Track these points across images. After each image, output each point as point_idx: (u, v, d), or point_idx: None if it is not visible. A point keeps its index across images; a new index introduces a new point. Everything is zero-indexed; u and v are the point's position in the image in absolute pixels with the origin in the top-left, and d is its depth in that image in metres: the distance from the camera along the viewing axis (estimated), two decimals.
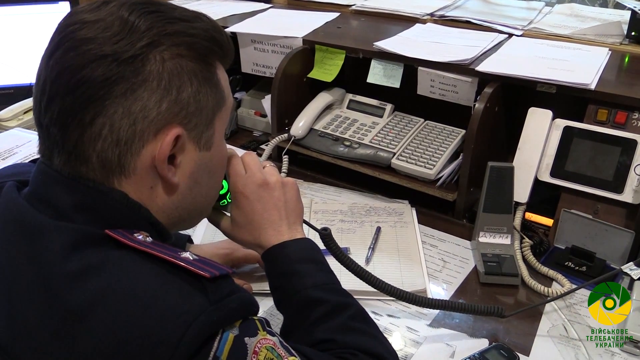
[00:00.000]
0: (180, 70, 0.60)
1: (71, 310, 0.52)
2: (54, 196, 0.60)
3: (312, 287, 0.74)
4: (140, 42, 0.57)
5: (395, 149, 1.31)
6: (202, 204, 0.71)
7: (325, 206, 1.29)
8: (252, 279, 1.04)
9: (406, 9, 1.66)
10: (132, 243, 0.57)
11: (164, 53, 0.58)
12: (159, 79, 0.58)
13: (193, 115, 0.62)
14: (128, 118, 0.57)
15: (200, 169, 0.66)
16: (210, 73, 0.64)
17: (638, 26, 1.39)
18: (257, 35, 1.52)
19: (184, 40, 0.60)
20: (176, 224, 0.68)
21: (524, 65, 1.22)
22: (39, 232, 0.57)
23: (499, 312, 0.93)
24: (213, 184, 0.72)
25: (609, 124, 1.13)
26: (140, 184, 0.61)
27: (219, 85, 0.66)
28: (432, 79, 1.29)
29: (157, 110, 0.58)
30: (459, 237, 1.19)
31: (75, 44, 0.57)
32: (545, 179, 1.16)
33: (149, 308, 0.52)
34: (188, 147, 0.63)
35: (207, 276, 0.56)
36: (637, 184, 1.07)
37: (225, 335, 0.54)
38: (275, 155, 1.46)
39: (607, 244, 1.08)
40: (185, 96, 0.60)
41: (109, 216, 0.60)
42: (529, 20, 1.57)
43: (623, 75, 1.29)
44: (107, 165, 0.59)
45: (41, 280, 0.54)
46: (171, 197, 0.64)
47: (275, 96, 1.42)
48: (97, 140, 0.58)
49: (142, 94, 0.57)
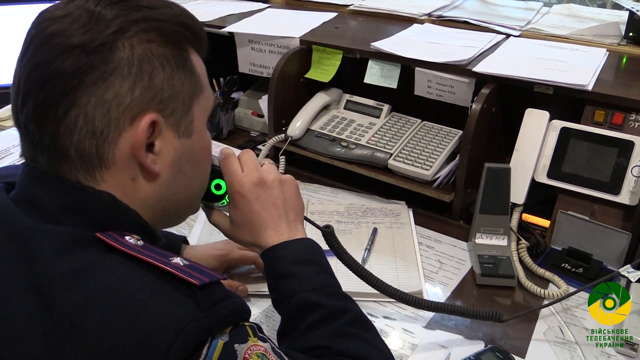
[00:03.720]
0: (150, 56, 0.60)
1: (61, 314, 0.51)
2: (41, 198, 0.59)
3: (309, 290, 0.73)
4: (108, 30, 0.57)
5: (392, 150, 1.30)
6: (187, 195, 0.70)
7: (322, 207, 1.28)
8: (248, 280, 1.04)
9: (404, 9, 1.66)
10: (123, 247, 0.56)
11: (132, 39, 0.59)
12: (129, 66, 0.58)
13: (169, 101, 0.61)
14: (102, 107, 0.57)
15: (182, 157, 0.65)
16: (183, 58, 0.63)
17: (636, 27, 1.39)
18: (255, 35, 1.52)
19: (152, 25, 0.60)
20: (162, 219, 0.67)
21: (521, 66, 1.22)
22: (27, 235, 0.57)
23: (497, 317, 0.93)
24: (197, 174, 0.70)
25: (606, 125, 1.13)
26: (122, 175, 0.61)
27: (194, 71, 0.65)
28: (429, 80, 1.29)
29: (130, 97, 0.58)
30: (456, 239, 1.19)
31: (45, 40, 0.57)
32: (542, 180, 1.16)
33: (138, 315, 0.51)
34: (167, 134, 0.62)
35: (196, 284, 0.55)
36: (634, 186, 1.07)
37: (215, 342, 0.54)
38: (272, 155, 1.45)
39: (603, 245, 1.08)
40: (158, 81, 0.60)
41: (97, 218, 0.59)
42: (527, 20, 1.56)
43: (620, 76, 1.29)
44: (85, 157, 0.59)
45: (31, 283, 0.54)
46: (154, 188, 0.63)
47: (273, 96, 1.42)
48: (73, 132, 0.58)
49: (113, 81, 0.57)
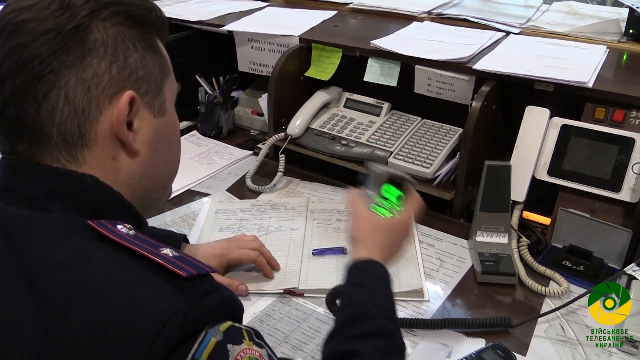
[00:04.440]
0: (123, 37, 0.62)
1: (50, 306, 0.51)
2: (25, 187, 0.60)
3: (376, 305, 0.75)
4: (81, 13, 0.59)
5: (392, 148, 1.30)
6: (164, 174, 0.72)
7: (322, 205, 1.28)
8: (249, 279, 1.04)
9: (404, 7, 1.65)
10: (113, 236, 0.56)
11: (105, 22, 0.61)
12: (105, 46, 0.60)
13: (143, 80, 0.64)
14: (82, 86, 0.59)
15: (158, 135, 0.67)
16: (151, 40, 0.66)
17: (636, 24, 1.38)
18: (254, 34, 1.52)
19: (122, 8, 0.62)
20: (142, 200, 0.68)
21: (522, 64, 1.22)
22: (15, 225, 0.57)
23: (507, 323, 0.92)
24: (172, 152, 0.73)
25: (607, 122, 1.13)
26: (103, 155, 0.62)
27: (162, 53, 0.68)
28: (429, 78, 1.29)
29: (108, 76, 0.60)
30: (456, 236, 1.19)
31: (17, 27, 0.58)
32: (543, 178, 1.15)
33: (125, 306, 0.51)
34: (143, 113, 0.65)
35: (183, 275, 0.55)
36: (634, 183, 1.07)
37: (208, 338, 0.53)
38: (272, 154, 1.45)
39: (604, 242, 1.08)
40: (132, 61, 0.62)
41: (82, 201, 0.60)
42: (527, 18, 1.56)
43: (621, 73, 1.28)
44: (67, 137, 0.60)
45: (21, 274, 0.54)
46: (134, 167, 0.65)
47: (272, 95, 1.42)
48: (55, 112, 0.59)
49: (91, 61, 0.59)
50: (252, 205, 1.28)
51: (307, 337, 0.93)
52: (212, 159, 1.51)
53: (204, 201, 1.31)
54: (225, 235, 1.16)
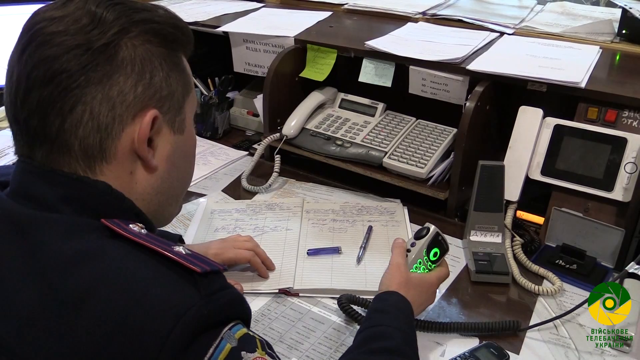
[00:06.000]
0: (150, 56, 0.63)
1: (65, 300, 0.52)
2: (39, 191, 0.60)
3: (395, 328, 0.78)
4: (111, 30, 0.60)
5: (387, 148, 1.31)
6: (178, 189, 0.73)
7: (317, 205, 1.29)
8: (244, 278, 1.04)
9: (398, 8, 1.66)
10: (127, 234, 0.58)
11: (134, 40, 0.61)
12: (132, 64, 0.61)
13: (166, 99, 0.65)
14: (107, 103, 0.60)
15: (176, 152, 0.68)
16: (177, 58, 0.67)
17: (629, 24, 1.39)
18: (249, 35, 1.52)
19: (151, 27, 0.63)
20: (155, 213, 0.69)
21: (515, 64, 1.22)
22: (29, 224, 0.58)
23: (515, 327, 0.93)
24: (187, 167, 0.74)
25: (599, 122, 1.14)
26: (121, 169, 0.63)
27: (186, 71, 0.69)
28: (424, 78, 1.29)
29: (133, 94, 0.61)
30: (451, 236, 1.18)
31: (47, 38, 0.59)
32: (536, 178, 1.16)
33: (141, 300, 0.52)
34: (164, 130, 0.66)
35: (198, 271, 0.56)
36: (627, 182, 1.07)
37: (223, 343, 0.55)
38: (268, 154, 1.46)
39: (597, 241, 1.08)
40: (157, 80, 0.63)
41: (96, 206, 0.61)
42: (521, 18, 1.57)
43: (614, 73, 1.29)
44: (88, 151, 0.60)
45: (36, 270, 0.55)
46: (150, 182, 0.66)
47: (267, 95, 1.42)
48: (79, 127, 0.59)
49: (118, 79, 0.60)
50: (247, 206, 1.29)
51: (302, 336, 0.93)
52: (207, 159, 1.51)
53: (200, 202, 1.31)
54: (221, 235, 1.16)
